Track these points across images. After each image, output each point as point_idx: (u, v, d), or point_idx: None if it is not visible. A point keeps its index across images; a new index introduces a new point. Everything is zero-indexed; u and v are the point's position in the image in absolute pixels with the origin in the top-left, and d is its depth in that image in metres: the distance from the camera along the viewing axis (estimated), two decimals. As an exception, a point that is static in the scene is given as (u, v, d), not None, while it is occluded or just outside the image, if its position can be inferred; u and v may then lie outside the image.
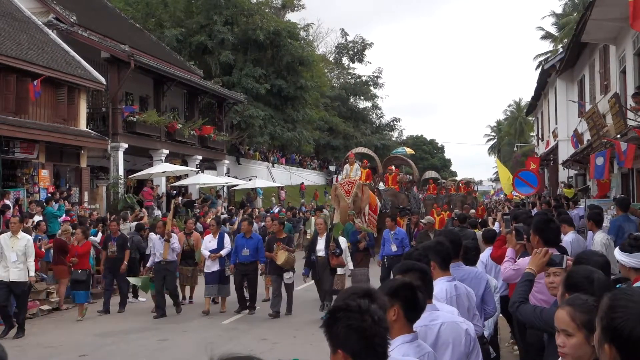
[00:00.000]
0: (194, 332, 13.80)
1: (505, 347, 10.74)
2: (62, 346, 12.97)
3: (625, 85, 21.22)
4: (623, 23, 18.65)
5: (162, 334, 13.70)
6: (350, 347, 2.85)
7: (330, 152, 62.37)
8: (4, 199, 20.59)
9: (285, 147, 50.41)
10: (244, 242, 15.57)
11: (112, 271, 16.55)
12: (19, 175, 22.98)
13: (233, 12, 43.97)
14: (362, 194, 22.91)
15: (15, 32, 24.81)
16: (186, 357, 11.59)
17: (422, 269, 4.61)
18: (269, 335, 12.99)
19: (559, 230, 6.86)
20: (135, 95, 32.25)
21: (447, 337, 4.34)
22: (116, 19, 37.63)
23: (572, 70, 31.99)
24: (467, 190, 43.64)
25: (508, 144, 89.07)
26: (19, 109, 22.86)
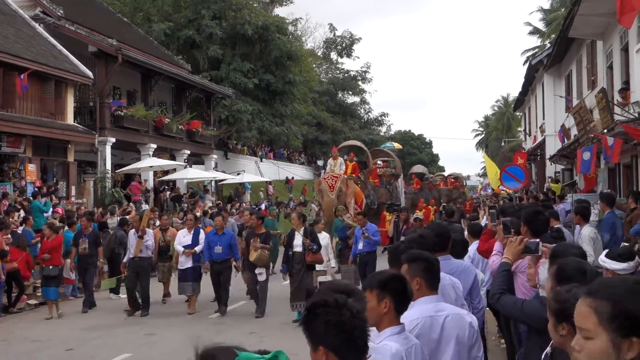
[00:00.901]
0: (180, 326, 13.77)
1: (492, 341, 10.77)
2: (49, 340, 12.94)
3: (612, 80, 21.29)
4: (610, 18, 18.70)
5: (149, 329, 13.67)
6: (331, 342, 2.83)
7: (319, 147, 62.39)
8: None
9: (273, 142, 50.43)
10: (217, 239, 14.80)
11: (84, 268, 15.94)
12: (6, 169, 22.93)
13: (221, 6, 43.95)
14: (347, 188, 22.52)
15: (1, 26, 24.74)
16: (173, 351, 11.58)
17: (429, 258, 4.58)
18: (257, 329, 12.99)
19: (548, 221, 6.90)
20: (122, 90, 32.20)
21: (452, 329, 4.32)
22: (104, 13, 37.54)
23: (559, 65, 32.09)
24: (455, 185, 43.67)
25: (496, 139, 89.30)
26: (6, 103, 22.79)
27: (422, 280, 4.37)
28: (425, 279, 4.39)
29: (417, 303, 4.30)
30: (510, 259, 5.52)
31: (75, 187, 26.61)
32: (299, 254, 13.74)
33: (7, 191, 21.56)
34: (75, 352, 11.90)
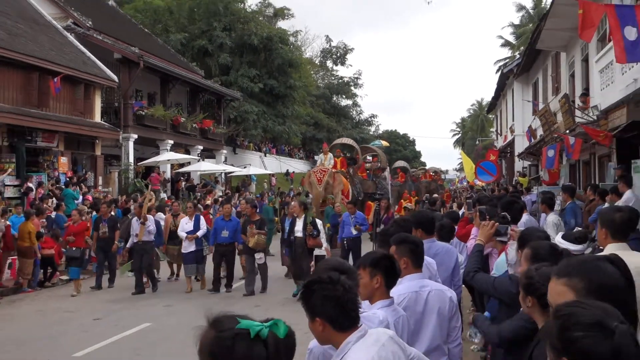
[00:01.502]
0: (194, 300, 13.80)
1: (467, 313, 10.81)
2: (78, 311, 12.97)
3: (574, 87, 21.34)
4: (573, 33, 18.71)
5: (167, 301, 13.71)
6: (327, 314, 2.88)
7: (316, 144, 62.22)
8: (28, 182, 20.54)
9: (276, 139, 50.31)
10: (224, 224, 14.65)
11: (103, 250, 15.69)
12: (41, 161, 22.91)
13: (231, 19, 43.85)
14: (334, 181, 22.32)
15: (37, 35, 24.67)
16: (189, 320, 11.60)
17: (415, 240, 4.63)
18: (262, 303, 13.04)
19: (522, 209, 6.96)
20: (144, 92, 32.12)
21: (434, 302, 4.36)
22: (127, 24, 37.44)
23: (527, 74, 32.11)
24: (434, 178, 43.67)
25: (471, 138, 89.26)
26: (41, 103, 22.76)
27: (408, 260, 4.42)
28: (411, 259, 4.44)
29: (404, 280, 4.33)
30: (483, 240, 5.55)
31: (102, 178, 26.58)
32: (300, 239, 13.68)
33: (42, 180, 21.57)
34: (101, 321, 11.94)
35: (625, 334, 1.91)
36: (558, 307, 2.13)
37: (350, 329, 2.92)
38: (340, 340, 2.90)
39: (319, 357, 3.32)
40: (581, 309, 2.02)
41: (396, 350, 2.97)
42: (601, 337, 1.92)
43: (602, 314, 1.99)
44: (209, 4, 43.78)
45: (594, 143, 17.11)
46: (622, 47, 11.56)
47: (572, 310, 2.03)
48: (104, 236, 15.58)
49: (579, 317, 1.99)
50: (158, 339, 10.56)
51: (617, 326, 1.93)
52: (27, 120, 21.56)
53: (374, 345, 2.89)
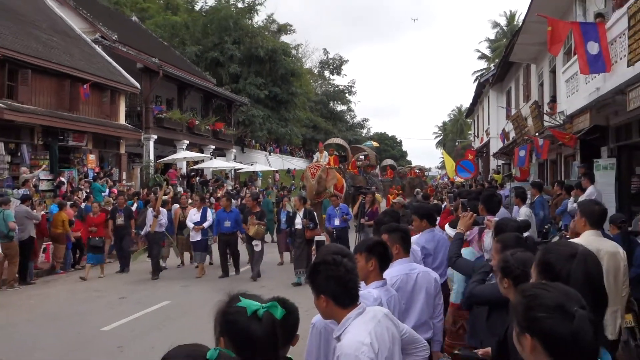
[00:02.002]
0: (208, 281, 13.83)
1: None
2: (105, 290, 12.97)
3: (543, 95, 21.37)
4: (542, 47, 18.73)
5: (184, 282, 13.73)
6: (330, 292, 2.90)
7: (314, 144, 61.95)
8: (60, 176, 20.56)
9: (279, 140, 50.30)
10: (225, 215, 14.33)
11: (120, 237, 15.63)
12: (72, 158, 22.92)
13: (240, 34, 43.84)
14: (327, 176, 22.11)
15: (68, 47, 24.66)
16: (204, 298, 11.63)
17: (404, 229, 4.67)
18: (268, 284, 13.03)
19: (500, 202, 6.98)
20: (163, 98, 32.12)
21: (422, 282, 4.39)
22: (148, 38, 37.43)
23: (501, 83, 32.15)
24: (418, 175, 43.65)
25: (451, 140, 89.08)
26: (72, 107, 22.76)
27: (399, 246, 4.44)
28: (402, 245, 4.46)
29: (396, 263, 4.35)
30: (462, 229, 5.57)
31: (126, 173, 26.57)
32: (300, 231, 13.54)
33: (73, 175, 21.59)
34: (126, 299, 11.96)
35: (584, 319, 1.91)
36: (524, 287, 2.13)
37: (351, 306, 2.93)
38: (341, 315, 2.91)
39: (321, 331, 3.33)
40: (545, 292, 2.02)
41: (390, 326, 2.98)
42: (562, 320, 1.92)
43: (565, 297, 1.98)
44: (220, 20, 43.74)
45: (560, 144, 17.16)
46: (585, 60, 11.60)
47: (536, 292, 2.03)
48: (120, 225, 15.50)
49: (542, 299, 1.99)
50: (177, 315, 10.58)
51: (577, 310, 1.92)
52: (59, 122, 21.56)
53: (371, 321, 2.89)
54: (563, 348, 1.90)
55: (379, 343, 2.82)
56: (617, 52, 10.90)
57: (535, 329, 1.95)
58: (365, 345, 2.75)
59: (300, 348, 2.87)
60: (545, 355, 1.94)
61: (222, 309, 2.18)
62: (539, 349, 1.95)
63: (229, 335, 2.12)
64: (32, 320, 10.31)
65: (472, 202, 7.72)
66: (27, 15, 24.16)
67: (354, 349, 2.73)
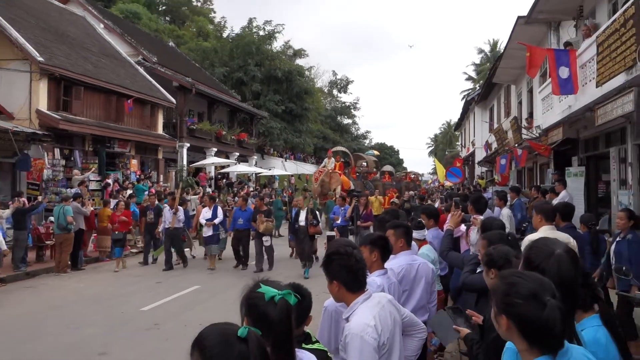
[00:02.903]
0: (229, 270, 13.84)
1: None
2: (143, 276, 13.02)
3: (521, 111, 21.30)
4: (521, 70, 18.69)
5: (211, 270, 13.72)
6: (342, 278, 2.89)
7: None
8: (107, 178, 20.63)
9: (294, 148, 50.18)
10: (240, 214, 14.00)
11: (149, 233, 15.04)
12: (117, 162, 22.97)
13: (261, 57, 43.83)
14: (330, 179, 21.85)
15: (115, 67, 24.76)
16: (228, 282, 11.63)
17: (407, 225, 4.68)
18: (283, 272, 13.00)
19: (486, 204, 6.95)
20: (195, 111, 32.16)
21: (422, 272, 4.37)
22: (183, 60, 37.53)
23: (485, 101, 32.06)
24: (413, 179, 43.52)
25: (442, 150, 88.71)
26: (118, 119, 22.84)
27: (403, 240, 4.42)
28: (406, 240, 4.45)
29: (400, 255, 4.35)
30: (452, 226, 5.56)
31: (163, 176, 26.63)
32: (303, 227, 13.23)
33: (118, 177, 21.66)
34: (162, 284, 11.98)
35: (554, 307, 1.91)
36: (505, 274, 2.14)
37: (359, 291, 2.91)
38: (351, 299, 2.89)
39: (332, 313, 3.33)
40: (523, 280, 2.01)
41: (393, 311, 2.96)
42: (534, 307, 1.92)
43: (539, 287, 1.98)
44: (244, 45, 43.78)
45: (536, 154, 17.09)
46: (557, 83, 11.56)
47: (515, 280, 2.03)
48: (150, 221, 15.08)
49: (519, 287, 1.99)
50: (205, 297, 10.58)
51: (549, 300, 1.92)
52: (107, 131, 21.64)
53: (376, 306, 2.88)
54: (534, 331, 1.92)
55: (382, 325, 2.80)
56: (586, 75, 10.84)
57: (510, 312, 1.97)
58: (370, 327, 2.74)
59: (313, 327, 2.85)
60: (518, 335, 1.97)
61: (246, 293, 2.21)
62: (512, 329, 1.97)
63: (250, 316, 2.14)
64: (82, 301, 10.34)
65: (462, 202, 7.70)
66: (81, 41, 24.29)
67: (360, 330, 2.73)
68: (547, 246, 2.64)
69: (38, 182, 17.72)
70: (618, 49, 8.76)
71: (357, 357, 2.68)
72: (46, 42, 20.34)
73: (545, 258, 2.51)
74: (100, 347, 7.40)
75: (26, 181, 17.79)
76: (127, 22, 35.58)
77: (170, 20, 56.33)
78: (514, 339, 2.00)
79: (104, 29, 28.55)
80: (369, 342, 2.70)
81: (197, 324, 8.37)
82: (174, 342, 7.55)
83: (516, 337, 1.98)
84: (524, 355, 1.98)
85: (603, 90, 9.49)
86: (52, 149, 18.94)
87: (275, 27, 47.26)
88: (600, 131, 11.71)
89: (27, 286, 11.91)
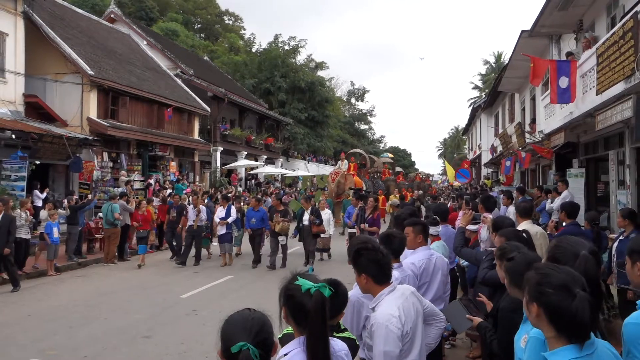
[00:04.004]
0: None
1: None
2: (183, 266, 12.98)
3: (524, 117, 21.00)
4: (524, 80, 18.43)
5: (243, 262, 13.69)
6: (370, 272, 2.85)
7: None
8: (149, 179, 20.83)
9: (316, 152, 50.12)
10: (253, 214, 12.98)
11: (172, 231, 14.12)
12: (158, 165, 23.20)
13: (286, 70, 43.92)
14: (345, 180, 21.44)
15: (157, 80, 25.00)
16: (258, 274, 11.64)
17: (424, 223, 4.60)
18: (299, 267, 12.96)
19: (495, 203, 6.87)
20: (227, 119, 32.35)
21: (439, 265, 4.31)
22: (216, 73, 37.76)
23: (491, 108, 31.69)
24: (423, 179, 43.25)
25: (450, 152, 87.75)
26: (159, 125, 23.06)
27: (422, 237, 4.36)
28: (424, 236, 4.39)
29: (419, 250, 4.31)
30: (464, 224, 5.48)
31: (199, 176, 26.82)
32: (307, 226, 12.37)
33: (159, 178, 21.85)
34: (199, 274, 12.00)
35: (583, 299, 1.87)
36: (538, 265, 2.10)
37: (385, 283, 2.87)
38: (377, 291, 2.86)
39: (354, 303, 3.29)
40: (555, 272, 1.98)
41: (415, 302, 2.92)
42: (564, 297, 1.89)
43: (570, 279, 1.94)
44: (271, 59, 43.92)
45: (539, 157, 16.83)
46: (555, 92, 11.36)
47: (547, 271, 2.00)
48: (173, 219, 14.06)
49: (551, 278, 1.95)
50: (238, 286, 10.59)
51: (579, 292, 1.88)
52: (149, 137, 21.86)
53: (400, 297, 2.84)
54: (563, 320, 1.89)
55: (406, 315, 2.77)
56: (587, 84, 10.65)
57: (541, 300, 1.94)
58: (394, 317, 2.71)
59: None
60: (547, 323, 1.93)
61: (284, 285, 2.20)
62: (542, 317, 1.94)
63: (287, 305, 2.15)
64: (129, 289, 10.43)
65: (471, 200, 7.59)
66: (126, 56, 24.57)
67: (385, 320, 2.70)
68: (572, 247, 2.62)
69: (89, 182, 17.97)
70: (617, 59, 8.56)
71: (382, 345, 2.65)
72: (96, 58, 20.62)
73: (572, 258, 2.49)
74: (145, 330, 7.46)
75: (78, 181, 18.06)
76: (166, 39, 35.93)
77: (205, 36, 56.77)
78: (542, 326, 1.97)
79: (147, 45, 28.86)
80: (394, 331, 2.67)
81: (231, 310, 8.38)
82: (211, 327, 7.58)
83: (545, 325, 1.94)
84: (551, 342, 1.94)
85: (603, 98, 9.30)
86: (101, 152, 19.20)
87: (299, 42, 47.46)
88: (600, 135, 11.49)
89: (79, 275, 12.06)
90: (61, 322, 7.91)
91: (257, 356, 1.78)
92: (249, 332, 1.82)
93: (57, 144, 16.55)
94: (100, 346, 6.76)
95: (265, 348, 1.84)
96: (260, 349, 1.80)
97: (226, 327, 1.88)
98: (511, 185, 19.55)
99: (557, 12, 13.12)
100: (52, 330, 7.47)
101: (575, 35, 13.84)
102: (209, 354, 6.46)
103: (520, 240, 3.58)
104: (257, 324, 1.86)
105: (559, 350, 1.90)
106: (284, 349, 2.10)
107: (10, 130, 14.56)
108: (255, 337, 1.82)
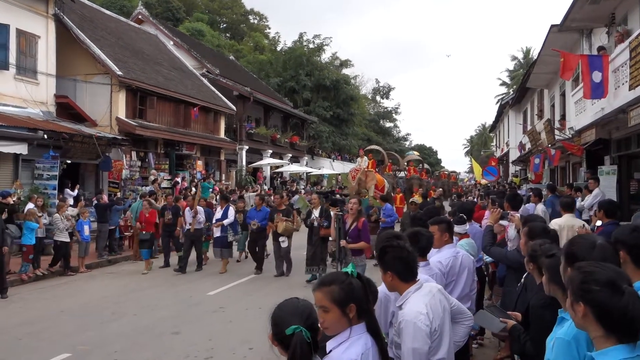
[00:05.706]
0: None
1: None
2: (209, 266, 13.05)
3: (554, 114, 20.63)
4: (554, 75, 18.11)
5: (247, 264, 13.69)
6: (396, 269, 2.82)
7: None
8: (176, 177, 21.08)
9: (341, 150, 50.05)
10: (255, 214, 11.99)
11: (168, 234, 12.99)
12: (184, 163, 23.46)
13: (311, 68, 43.95)
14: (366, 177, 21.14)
15: (183, 79, 25.28)
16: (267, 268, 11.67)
17: (449, 221, 4.58)
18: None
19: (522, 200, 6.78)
20: (252, 117, 32.55)
21: (465, 263, 4.27)
22: (242, 72, 38.02)
23: (519, 104, 31.22)
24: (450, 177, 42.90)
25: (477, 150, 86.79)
26: (185, 125, 23.31)
27: (447, 235, 4.33)
28: (449, 234, 4.36)
29: (445, 248, 4.29)
30: (492, 222, 5.42)
31: (224, 175, 27.07)
32: (316, 229, 10.63)
33: (185, 176, 22.11)
34: (224, 273, 12.03)
35: (632, 294, 1.80)
36: (581, 264, 2.03)
37: (411, 281, 2.85)
38: (403, 289, 2.84)
39: (381, 299, 3.26)
40: (599, 269, 1.91)
41: (442, 299, 2.90)
42: (613, 294, 1.82)
43: (616, 275, 1.88)
44: (296, 57, 44.00)
45: (569, 154, 16.51)
46: (589, 87, 11.11)
47: (591, 269, 1.93)
48: (169, 222, 12.89)
49: (596, 275, 1.89)
50: (261, 285, 10.64)
51: (627, 287, 1.82)
52: (176, 136, 22.14)
53: (427, 295, 2.82)
54: (612, 318, 1.81)
55: (434, 313, 2.75)
56: (619, 79, 10.39)
57: (588, 299, 1.87)
58: (422, 315, 2.70)
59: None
60: (594, 322, 1.86)
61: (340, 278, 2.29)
62: (589, 317, 1.87)
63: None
64: (155, 286, 10.59)
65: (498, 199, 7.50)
66: (154, 56, 24.92)
67: (413, 317, 2.69)
68: (586, 239, 2.56)
69: (118, 180, 18.31)
70: (651, 53, 8.35)
71: (411, 342, 2.64)
72: (124, 58, 20.97)
73: (589, 250, 2.42)
74: (173, 327, 7.56)
75: (108, 180, 18.40)
76: (192, 39, 36.33)
77: (230, 36, 57.21)
78: (589, 326, 1.88)
79: (173, 46, 29.23)
80: (422, 328, 2.66)
81: (256, 308, 8.46)
82: (237, 324, 7.66)
83: (592, 324, 1.86)
84: (598, 341, 1.86)
85: (636, 93, 9.07)
86: (129, 151, 19.53)
87: (324, 40, 47.41)
88: (633, 132, 11.20)
89: (109, 272, 12.30)
90: (92, 318, 8.08)
91: (309, 338, 1.98)
92: (300, 316, 2.03)
93: (87, 143, 16.89)
94: (130, 342, 6.88)
95: (314, 331, 2.04)
96: (311, 331, 2.01)
97: (278, 312, 2.08)
98: (540, 183, 19.24)
99: (588, 5, 12.83)
100: (83, 326, 7.64)
101: (607, 29, 13.52)
102: (235, 350, 6.52)
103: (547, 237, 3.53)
104: (307, 309, 2.08)
105: (608, 350, 1.81)
106: (331, 343, 2.19)
107: (42, 131, 14.92)
108: (306, 320, 2.03)
